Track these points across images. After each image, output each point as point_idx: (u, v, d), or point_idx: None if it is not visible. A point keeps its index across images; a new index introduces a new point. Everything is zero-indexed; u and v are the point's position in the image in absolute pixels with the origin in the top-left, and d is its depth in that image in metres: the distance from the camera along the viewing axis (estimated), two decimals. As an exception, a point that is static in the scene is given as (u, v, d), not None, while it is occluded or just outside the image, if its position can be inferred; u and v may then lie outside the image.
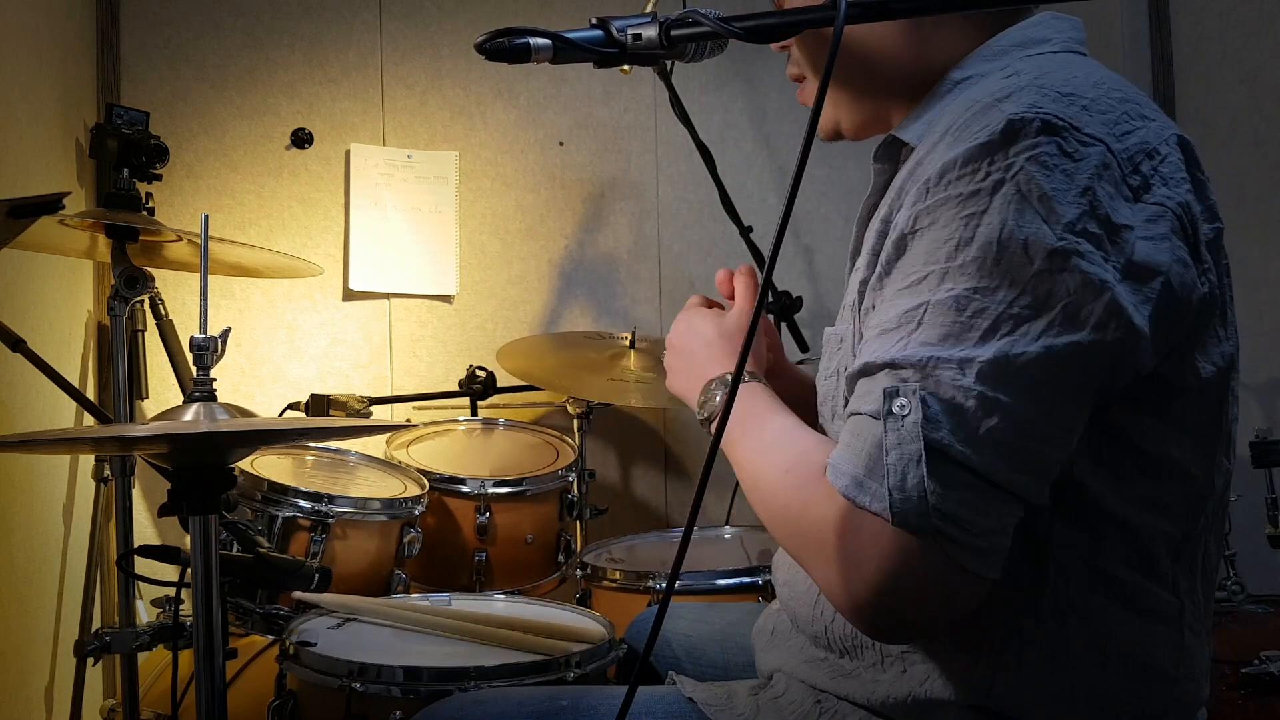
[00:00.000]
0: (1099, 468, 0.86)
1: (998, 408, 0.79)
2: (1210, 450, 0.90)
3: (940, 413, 0.79)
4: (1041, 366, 0.79)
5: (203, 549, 1.10)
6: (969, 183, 0.82)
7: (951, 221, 0.83)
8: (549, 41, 0.90)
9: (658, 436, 2.98)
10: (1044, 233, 0.79)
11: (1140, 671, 0.90)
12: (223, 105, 2.71)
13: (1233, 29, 2.78)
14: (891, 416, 0.80)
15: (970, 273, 0.81)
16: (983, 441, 0.79)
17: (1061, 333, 0.79)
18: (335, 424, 2.06)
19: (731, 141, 3.01)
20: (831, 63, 0.78)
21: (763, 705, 1.03)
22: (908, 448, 0.79)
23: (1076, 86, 0.85)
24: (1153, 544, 0.89)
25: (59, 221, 1.87)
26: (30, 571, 1.94)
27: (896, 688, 0.94)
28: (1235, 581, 2.13)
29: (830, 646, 1.00)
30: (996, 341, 0.79)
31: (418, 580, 2.14)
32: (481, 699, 1.13)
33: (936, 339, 0.81)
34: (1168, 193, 0.84)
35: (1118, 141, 0.83)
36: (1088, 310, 0.79)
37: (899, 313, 0.84)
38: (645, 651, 0.85)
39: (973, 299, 0.81)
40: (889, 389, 0.81)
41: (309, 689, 1.45)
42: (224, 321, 1.51)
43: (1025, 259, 0.80)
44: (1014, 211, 0.80)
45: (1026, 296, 0.80)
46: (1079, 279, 0.79)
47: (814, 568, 0.87)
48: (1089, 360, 0.80)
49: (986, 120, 0.83)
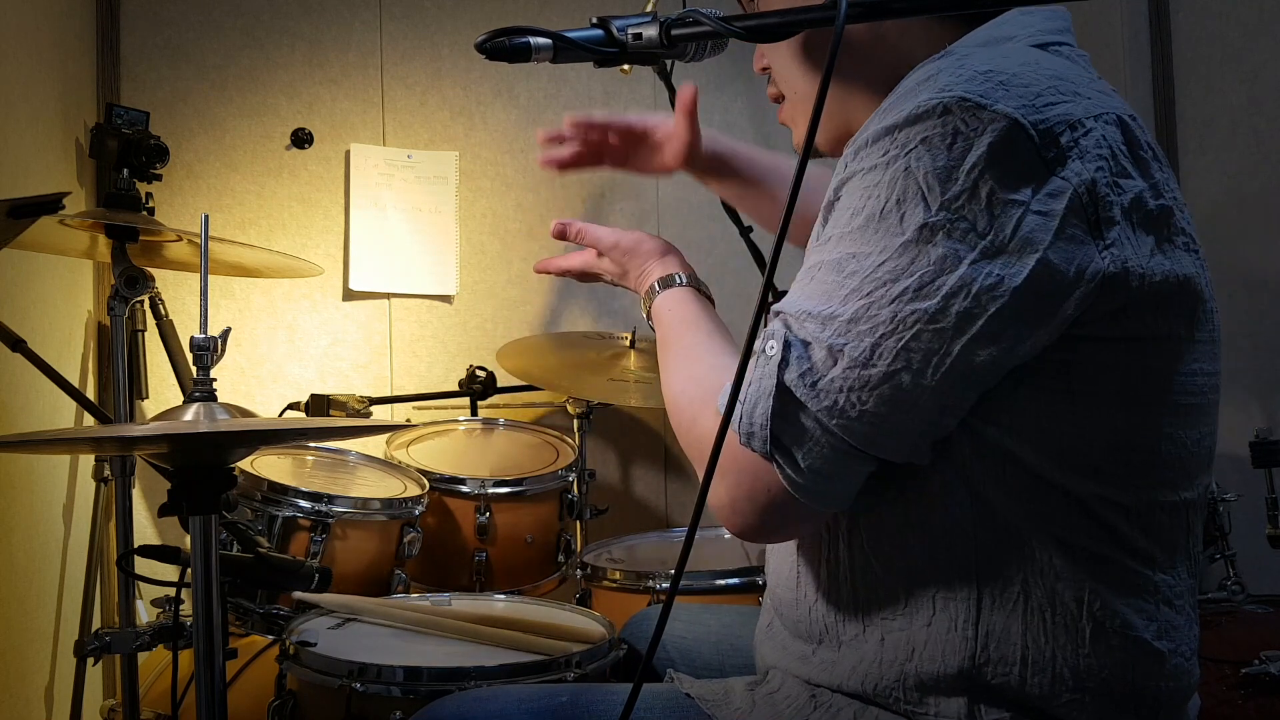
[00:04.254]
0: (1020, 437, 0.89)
1: (840, 361, 0.87)
2: (1155, 420, 0.91)
3: (795, 358, 0.88)
4: (887, 328, 0.85)
5: (203, 549, 1.10)
6: (872, 158, 0.88)
7: (855, 191, 0.89)
8: (549, 41, 0.91)
9: (658, 436, 2.98)
10: (919, 206, 0.85)
11: (1122, 641, 0.91)
12: (223, 105, 2.71)
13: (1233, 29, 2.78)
14: (761, 355, 0.91)
15: (855, 238, 0.88)
16: (823, 389, 0.87)
17: (912, 300, 0.85)
18: (335, 424, 2.06)
19: (731, 141, 3.00)
20: (833, 61, 0.78)
21: (759, 701, 1.03)
22: (764, 383, 0.89)
23: (1000, 65, 0.88)
24: (1104, 511, 0.90)
25: (59, 221, 1.87)
26: (30, 571, 1.94)
27: (886, 667, 0.95)
28: (1235, 581, 2.12)
29: (811, 634, 1.01)
30: (856, 301, 0.87)
31: (418, 580, 2.14)
32: (482, 696, 1.13)
33: (817, 294, 0.90)
34: (1079, 168, 0.85)
35: (1035, 113, 0.85)
36: (940, 282, 0.84)
37: (804, 268, 0.94)
38: (650, 650, 0.86)
39: (849, 262, 0.88)
40: (770, 331, 0.91)
41: (309, 689, 1.45)
42: (224, 321, 1.51)
43: (899, 229, 0.86)
44: (899, 185, 0.86)
45: (890, 263, 0.86)
46: (941, 251, 0.84)
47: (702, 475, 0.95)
48: (934, 327, 0.84)
49: (903, 106, 0.88)
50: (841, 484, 0.91)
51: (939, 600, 0.93)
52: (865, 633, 0.97)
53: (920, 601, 0.94)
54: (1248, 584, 2.13)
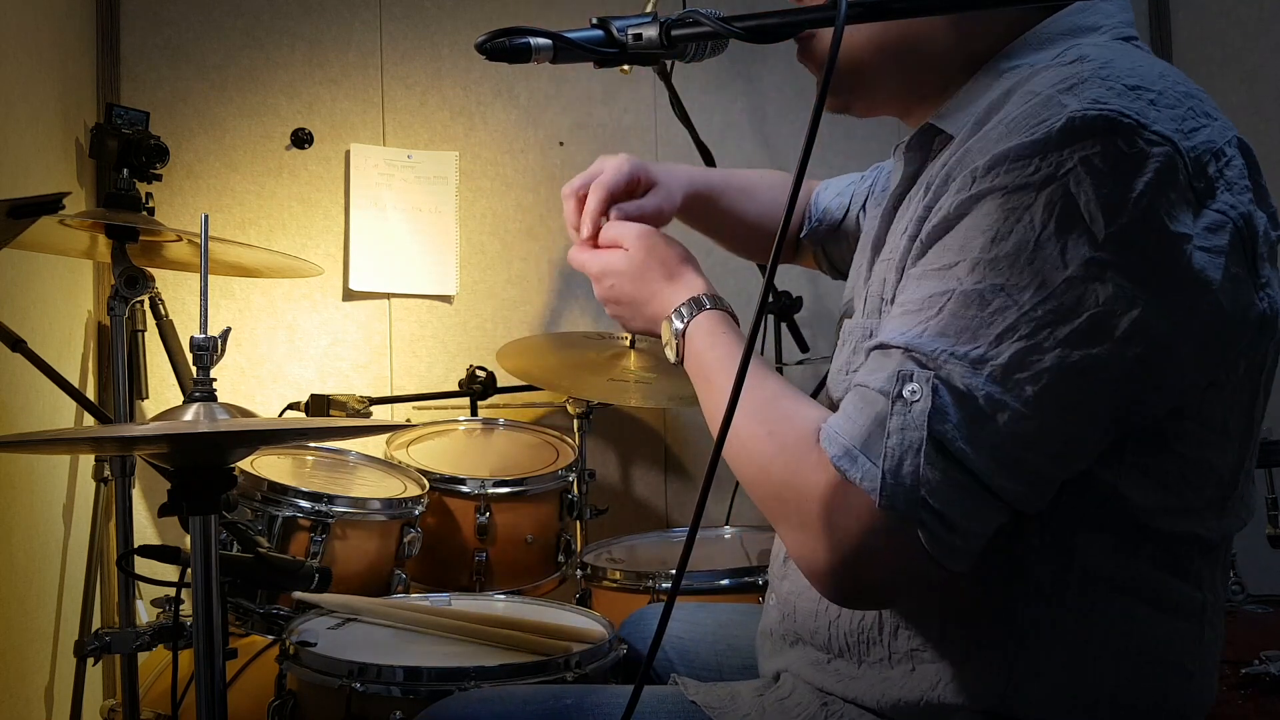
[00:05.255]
0: (1145, 479, 0.85)
1: (1002, 412, 0.78)
2: (1244, 454, 0.89)
3: (948, 405, 0.78)
4: (1053, 376, 0.77)
5: (203, 549, 1.10)
6: (1018, 176, 0.79)
7: (994, 212, 0.80)
8: (549, 41, 0.90)
9: (658, 436, 2.98)
10: (1085, 238, 0.77)
11: (1160, 670, 0.89)
12: (223, 105, 2.71)
13: (1233, 29, 2.78)
14: (900, 400, 0.80)
15: (1001, 268, 0.79)
16: (982, 443, 0.78)
17: (1081, 344, 0.77)
18: (335, 424, 2.06)
19: (731, 141, 3.00)
20: (832, 63, 0.77)
21: (768, 707, 1.02)
22: (910, 434, 0.79)
23: (1143, 78, 0.81)
24: (1186, 547, 0.88)
25: (59, 221, 1.86)
26: (30, 571, 1.94)
27: (908, 690, 0.92)
28: (1235, 581, 2.12)
29: (829, 647, 0.99)
30: (1013, 344, 0.78)
31: (418, 580, 2.14)
32: (485, 697, 1.13)
33: (955, 330, 0.80)
34: (1231, 200, 0.80)
35: (1185, 139, 0.79)
36: (1113, 324, 0.77)
37: (925, 295, 0.83)
38: (650, 653, 0.85)
39: (998, 295, 0.79)
40: (904, 371, 0.80)
41: (309, 689, 1.45)
42: (224, 321, 1.51)
43: (1060, 262, 0.77)
44: (1059, 211, 0.77)
45: (1052, 301, 0.77)
46: (1111, 290, 0.76)
47: (788, 530, 0.87)
48: (1105, 375, 0.78)
49: (1046, 114, 0.80)
50: (982, 542, 0.82)
51: (977, 638, 0.89)
52: (890, 659, 0.94)
53: (955, 636, 0.90)
54: (1248, 584, 2.13)
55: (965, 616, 0.90)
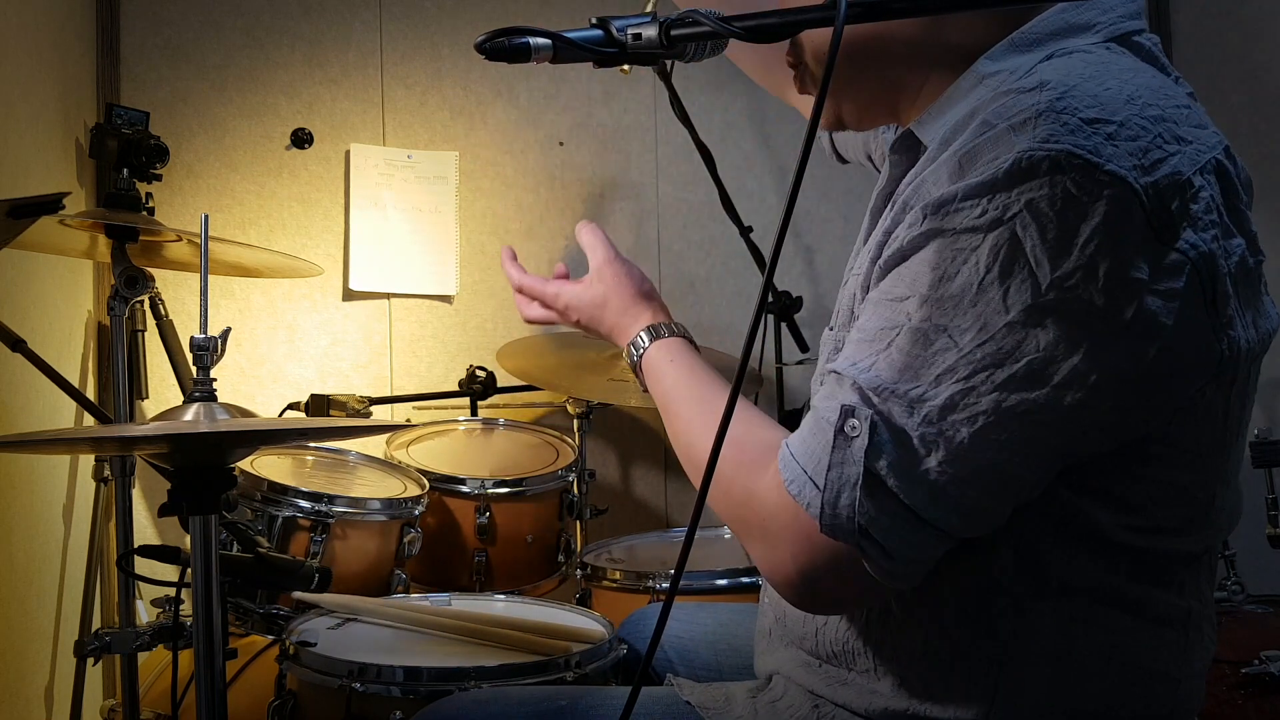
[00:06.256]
0: (1110, 501, 0.85)
1: (936, 451, 0.79)
2: (1220, 469, 0.88)
3: (885, 443, 0.80)
4: (988, 419, 0.78)
5: (203, 549, 1.10)
6: (965, 218, 0.79)
7: (944, 250, 0.80)
8: (549, 41, 0.90)
9: (658, 436, 2.98)
10: (1028, 284, 0.76)
11: (1146, 677, 0.89)
12: (223, 105, 2.71)
13: (1233, 29, 2.78)
14: (842, 435, 0.82)
15: (946, 308, 0.79)
16: (917, 480, 0.80)
17: (1017, 388, 0.77)
18: (335, 424, 2.06)
19: (731, 141, 3.00)
20: (832, 62, 0.77)
21: (760, 709, 1.02)
22: (848, 469, 0.81)
23: (1105, 106, 0.78)
24: (1164, 560, 0.88)
25: (59, 221, 1.86)
26: (30, 571, 1.94)
27: (895, 700, 0.93)
28: (1235, 581, 2.12)
29: (817, 653, 1.00)
30: (950, 385, 0.79)
31: (418, 580, 2.14)
32: (481, 699, 1.13)
33: (899, 368, 0.81)
34: (1194, 238, 0.78)
35: (1145, 175, 0.77)
36: (1051, 370, 0.77)
37: (877, 326, 0.84)
38: (648, 654, 0.85)
39: (941, 336, 0.79)
40: (847, 405, 0.82)
41: (309, 689, 1.45)
42: (224, 321, 1.51)
43: (1002, 307, 0.77)
44: (1003, 256, 0.77)
45: (991, 345, 0.78)
46: (1052, 336, 0.77)
47: (751, 543, 0.92)
48: (1042, 418, 0.78)
49: (995, 152, 0.79)
50: (926, 565, 0.85)
51: (961, 652, 0.90)
52: (876, 670, 0.94)
53: (939, 649, 0.91)
54: (1248, 584, 2.14)
55: (947, 629, 0.90)
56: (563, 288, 1.23)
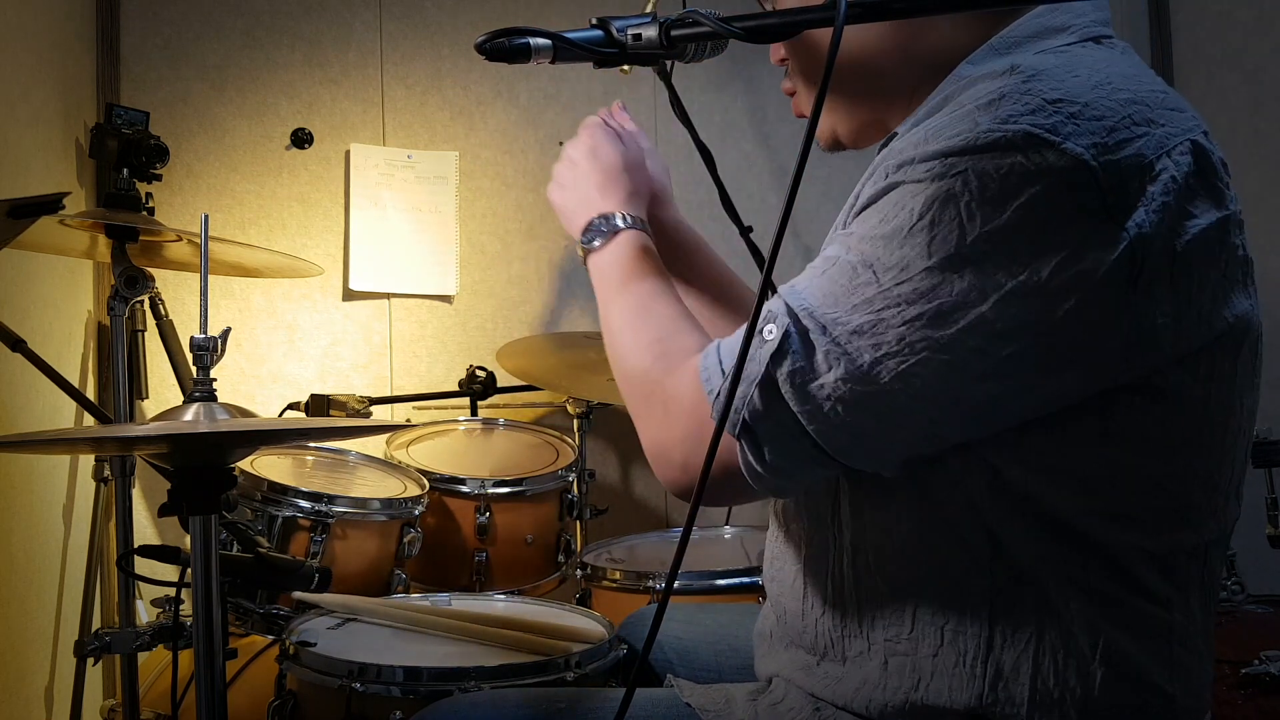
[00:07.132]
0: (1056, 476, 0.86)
1: (836, 368, 0.84)
2: (1190, 463, 0.88)
3: (791, 352, 0.86)
4: (890, 349, 0.82)
5: (203, 549, 1.10)
6: (918, 174, 0.83)
7: (891, 201, 0.85)
8: (549, 42, 0.91)
9: (658, 436, 2.98)
10: (955, 234, 0.80)
11: (1133, 684, 0.88)
12: (223, 105, 2.71)
13: (1233, 29, 2.78)
14: (759, 337, 0.88)
15: (877, 247, 0.84)
16: (811, 393, 0.85)
17: (925, 326, 0.81)
18: (335, 424, 2.06)
19: (731, 141, 3.00)
20: (832, 61, 0.77)
21: (761, 711, 1.02)
22: (754, 367, 0.87)
23: (1070, 89, 0.81)
24: (1125, 556, 0.87)
25: (59, 221, 1.86)
26: (30, 571, 1.94)
27: (891, 692, 0.93)
28: (1235, 581, 2.12)
29: (815, 647, 1.00)
30: (864, 315, 0.83)
31: (418, 580, 2.14)
32: (479, 701, 1.12)
33: (824, 293, 0.86)
34: (1142, 218, 0.79)
35: (1106, 154, 0.79)
36: (960, 314, 0.80)
37: (822, 259, 0.90)
38: (644, 652, 0.85)
39: (866, 271, 0.84)
40: (772, 312, 0.88)
41: (309, 689, 1.45)
42: (224, 321, 1.51)
43: (925, 252, 0.81)
44: (937, 206, 0.81)
45: (908, 285, 0.82)
46: (966, 284, 0.80)
47: (649, 420, 0.98)
48: (940, 359, 0.81)
49: (959, 128, 0.82)
50: (797, 482, 0.91)
51: (947, 632, 0.90)
52: (870, 651, 0.95)
53: (927, 629, 0.91)
54: (1248, 584, 2.14)
55: (934, 610, 0.91)
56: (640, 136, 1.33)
